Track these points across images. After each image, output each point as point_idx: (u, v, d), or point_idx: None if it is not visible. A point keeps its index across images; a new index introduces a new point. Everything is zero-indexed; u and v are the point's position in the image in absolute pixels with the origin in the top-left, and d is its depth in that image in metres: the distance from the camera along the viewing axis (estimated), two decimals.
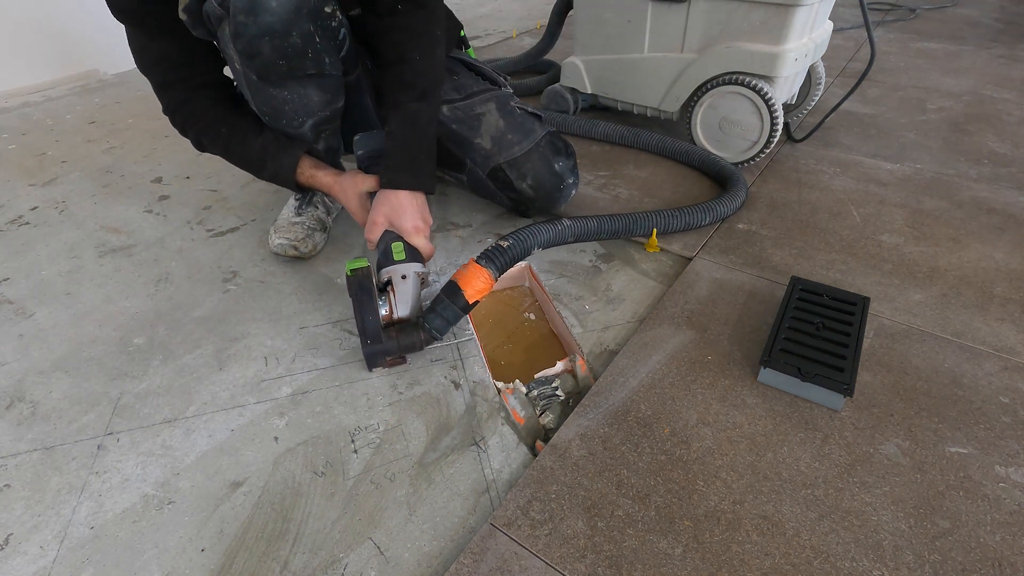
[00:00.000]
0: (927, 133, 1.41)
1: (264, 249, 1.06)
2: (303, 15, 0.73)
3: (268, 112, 0.85)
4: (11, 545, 0.60)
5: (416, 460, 0.67)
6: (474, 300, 0.77)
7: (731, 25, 1.14)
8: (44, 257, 1.07)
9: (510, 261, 0.81)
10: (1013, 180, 1.19)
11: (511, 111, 1.01)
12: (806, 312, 0.79)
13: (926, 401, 0.70)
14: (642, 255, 1.01)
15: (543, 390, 0.76)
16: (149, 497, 0.64)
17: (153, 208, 1.22)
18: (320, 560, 0.58)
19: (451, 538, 0.59)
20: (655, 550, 0.56)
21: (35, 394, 0.78)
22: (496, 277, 0.79)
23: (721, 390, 0.73)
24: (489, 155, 0.99)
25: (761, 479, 0.62)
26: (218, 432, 0.72)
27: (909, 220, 1.06)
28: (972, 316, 0.83)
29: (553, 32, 1.61)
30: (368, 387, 0.77)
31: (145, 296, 0.96)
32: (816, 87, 1.40)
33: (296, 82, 0.80)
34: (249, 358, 0.82)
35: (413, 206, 0.87)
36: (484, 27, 2.55)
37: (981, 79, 1.75)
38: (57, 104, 1.83)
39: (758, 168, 1.26)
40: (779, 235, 1.03)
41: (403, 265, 0.81)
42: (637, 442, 0.66)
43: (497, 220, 1.12)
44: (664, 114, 1.35)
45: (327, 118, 0.89)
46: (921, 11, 2.54)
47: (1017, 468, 0.63)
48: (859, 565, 0.54)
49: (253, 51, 0.74)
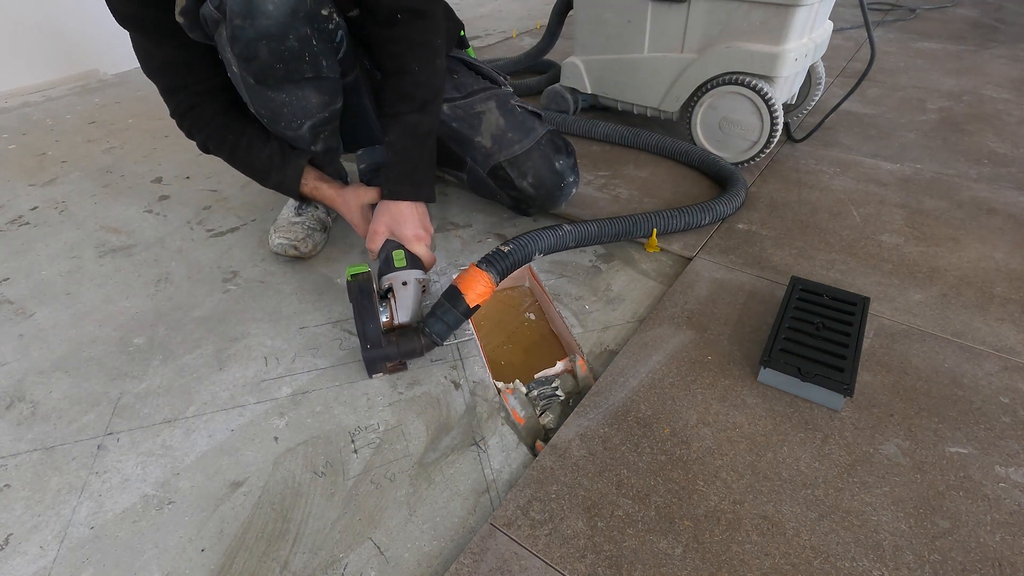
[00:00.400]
0: (927, 133, 1.41)
1: (264, 249, 1.06)
2: (299, 18, 0.73)
3: (266, 115, 0.85)
4: (11, 545, 0.60)
5: (416, 460, 0.67)
6: (475, 304, 0.77)
7: (731, 25, 1.14)
8: (44, 257, 1.07)
9: (511, 266, 0.81)
10: (1013, 180, 1.19)
11: (511, 109, 1.01)
12: (806, 312, 0.79)
13: (926, 401, 0.70)
14: (642, 255, 1.01)
15: (543, 390, 0.76)
16: (149, 497, 0.64)
17: (153, 208, 1.22)
18: (320, 560, 0.58)
19: (451, 538, 0.59)
20: (655, 550, 0.56)
21: (35, 394, 0.78)
22: (497, 282, 0.79)
23: (721, 390, 0.73)
24: (490, 153, 0.99)
25: (761, 479, 0.62)
26: (218, 432, 0.72)
27: (909, 220, 1.06)
28: (972, 316, 0.83)
29: (553, 32, 1.61)
30: (368, 387, 0.77)
31: (145, 296, 0.96)
32: (816, 87, 1.40)
33: (294, 85, 0.80)
34: (249, 358, 0.82)
35: (414, 215, 0.88)
36: (484, 27, 2.55)
37: (981, 79, 1.75)
38: (57, 104, 1.83)
39: (758, 168, 1.26)
40: (779, 235, 1.03)
41: (404, 272, 0.81)
42: (637, 442, 0.66)
43: (497, 220, 1.12)
44: (664, 114, 1.35)
45: (325, 119, 0.89)
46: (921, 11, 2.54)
47: (1017, 468, 0.63)
48: (859, 565, 0.54)
49: (250, 54, 0.74)
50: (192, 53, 0.84)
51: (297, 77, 0.79)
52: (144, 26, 0.82)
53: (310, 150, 0.93)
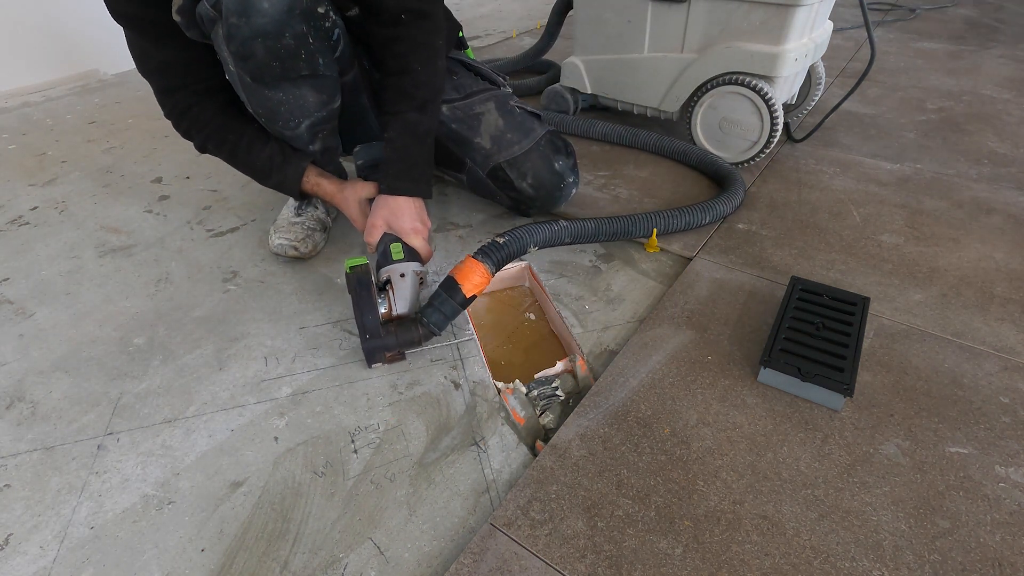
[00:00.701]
0: (927, 133, 1.41)
1: (264, 249, 1.06)
2: (295, 16, 0.73)
3: (264, 114, 0.85)
4: (11, 545, 0.60)
5: (416, 460, 0.67)
6: (471, 295, 0.77)
7: (731, 25, 1.14)
8: (44, 257, 1.07)
9: (507, 257, 0.82)
10: (1013, 180, 1.19)
11: (510, 110, 1.01)
12: (806, 312, 0.79)
13: (926, 401, 0.70)
14: (642, 255, 1.01)
15: (543, 390, 0.76)
16: (149, 497, 0.64)
17: (153, 208, 1.22)
18: (320, 560, 0.58)
19: (451, 538, 0.59)
20: (655, 550, 0.56)
21: (35, 394, 0.78)
22: (493, 272, 0.80)
23: (721, 390, 0.73)
24: (489, 154, 0.99)
25: (761, 479, 0.62)
26: (218, 432, 0.72)
27: (909, 220, 1.06)
28: (972, 316, 0.83)
29: (552, 32, 1.61)
30: (368, 387, 0.77)
31: (145, 296, 0.96)
32: (816, 87, 1.40)
33: (290, 83, 0.80)
34: (249, 358, 0.82)
35: (411, 209, 0.88)
36: (484, 27, 2.55)
37: (981, 79, 1.75)
38: (57, 104, 1.83)
39: (758, 168, 1.25)
40: (779, 235, 1.03)
41: (401, 264, 0.82)
42: (637, 442, 0.66)
43: (497, 220, 1.12)
44: (664, 114, 1.35)
45: (324, 118, 0.89)
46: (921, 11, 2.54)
47: (1017, 468, 0.63)
48: (859, 565, 0.54)
49: (246, 53, 0.74)
50: (191, 54, 0.84)
51: (294, 75, 0.79)
52: (143, 26, 0.82)
53: (308, 150, 0.93)
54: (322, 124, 0.90)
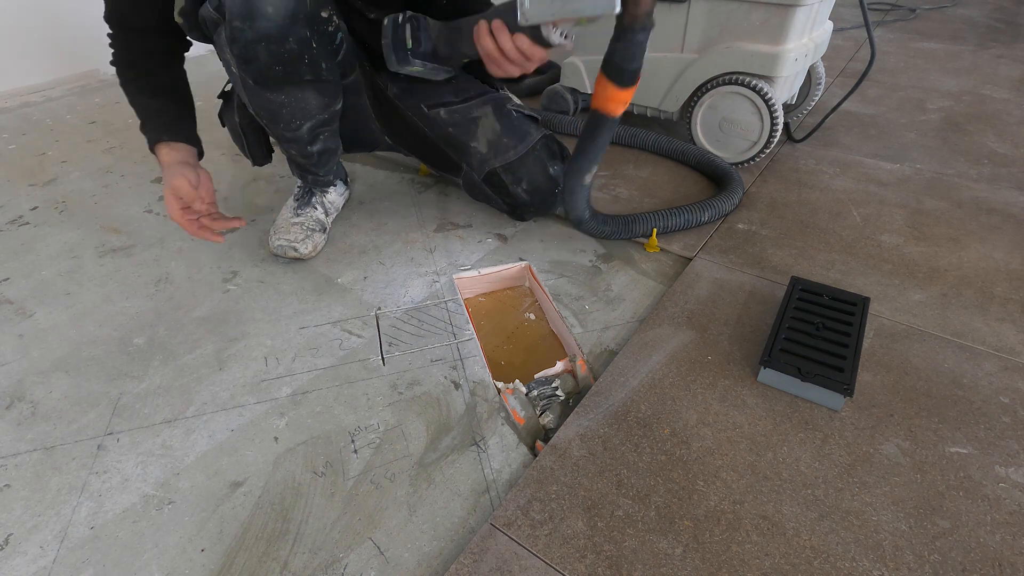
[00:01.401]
0: (927, 133, 1.41)
1: (264, 249, 1.06)
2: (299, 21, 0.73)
3: (265, 116, 0.85)
4: (11, 545, 0.60)
5: (416, 460, 0.67)
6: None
7: (731, 25, 1.14)
8: (44, 257, 1.07)
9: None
10: (1013, 180, 1.19)
11: (507, 114, 1.01)
12: (806, 312, 0.79)
13: (926, 401, 0.70)
14: (642, 255, 1.01)
15: (543, 390, 0.75)
16: (149, 497, 0.64)
17: (153, 208, 1.22)
18: (320, 560, 0.58)
19: (451, 538, 0.59)
20: (655, 550, 0.56)
21: (35, 394, 0.78)
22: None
23: (721, 390, 0.73)
24: (485, 159, 0.99)
25: (761, 479, 0.62)
26: (218, 432, 0.72)
27: (909, 220, 1.06)
28: (972, 316, 0.83)
29: None
30: (368, 387, 0.77)
31: (145, 296, 0.96)
32: (816, 87, 1.40)
33: (293, 87, 0.80)
34: (249, 358, 0.82)
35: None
36: None
37: (981, 79, 1.75)
38: (57, 104, 1.83)
39: (758, 168, 1.26)
40: (779, 235, 1.03)
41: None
42: (637, 442, 0.66)
43: (497, 219, 1.12)
44: (664, 114, 1.35)
45: (325, 121, 0.89)
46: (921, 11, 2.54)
47: (1017, 468, 0.63)
48: (859, 565, 0.54)
49: (249, 56, 0.74)
50: None
51: (296, 79, 0.79)
52: None
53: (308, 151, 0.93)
54: (323, 126, 0.90)
